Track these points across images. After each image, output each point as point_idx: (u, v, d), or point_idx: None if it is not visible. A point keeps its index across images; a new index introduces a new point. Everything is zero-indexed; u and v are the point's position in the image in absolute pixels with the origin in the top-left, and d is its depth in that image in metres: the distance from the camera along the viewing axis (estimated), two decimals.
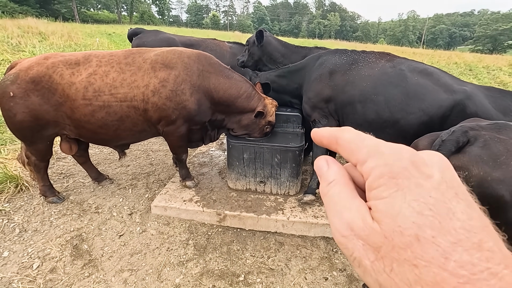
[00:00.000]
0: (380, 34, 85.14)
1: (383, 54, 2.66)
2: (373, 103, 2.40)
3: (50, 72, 2.34)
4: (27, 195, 2.93)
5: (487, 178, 1.14)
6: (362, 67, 2.56)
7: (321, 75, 2.69)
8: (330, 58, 2.75)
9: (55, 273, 2.06)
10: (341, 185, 0.31)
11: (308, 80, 2.81)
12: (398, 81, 2.37)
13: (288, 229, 2.57)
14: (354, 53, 2.73)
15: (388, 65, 2.50)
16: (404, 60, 2.56)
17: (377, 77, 2.46)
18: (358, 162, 0.29)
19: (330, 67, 2.67)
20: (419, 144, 1.42)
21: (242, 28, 64.55)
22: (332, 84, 2.62)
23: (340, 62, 2.66)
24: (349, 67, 2.60)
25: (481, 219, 0.24)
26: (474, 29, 67.52)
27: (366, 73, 2.51)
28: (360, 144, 0.29)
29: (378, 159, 0.27)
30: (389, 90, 2.37)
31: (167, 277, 2.09)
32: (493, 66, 14.41)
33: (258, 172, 2.86)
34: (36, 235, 2.41)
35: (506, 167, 1.13)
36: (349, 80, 2.55)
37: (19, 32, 10.63)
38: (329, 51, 2.97)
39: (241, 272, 2.16)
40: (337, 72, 2.63)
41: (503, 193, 1.12)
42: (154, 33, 4.45)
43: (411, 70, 2.42)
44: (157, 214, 2.74)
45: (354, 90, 2.50)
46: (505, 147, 1.17)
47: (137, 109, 2.46)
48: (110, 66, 2.43)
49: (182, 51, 2.63)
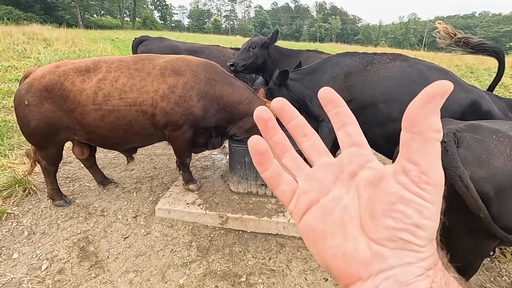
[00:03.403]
0: (381, 37, 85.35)
1: (396, 55, 2.67)
2: (397, 102, 2.41)
3: (62, 80, 2.44)
4: (35, 198, 3.02)
5: (474, 178, 1.20)
6: (378, 68, 2.56)
7: (334, 76, 2.66)
8: (342, 60, 2.74)
9: (63, 274, 2.13)
10: None
11: (319, 83, 2.78)
12: (420, 80, 2.39)
13: (289, 231, 2.62)
14: (366, 55, 2.73)
15: (404, 65, 2.51)
16: (418, 60, 2.59)
17: (398, 76, 2.46)
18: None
19: (344, 68, 2.65)
20: None
21: (243, 32, 65.03)
22: (348, 85, 2.59)
23: (354, 63, 2.66)
24: (364, 68, 2.60)
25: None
26: (475, 31, 67.51)
27: (385, 74, 2.51)
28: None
29: None
30: (413, 89, 2.37)
31: (171, 278, 2.15)
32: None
33: (260, 176, 2.91)
34: (44, 237, 2.49)
35: (487, 165, 1.21)
36: (367, 81, 2.54)
37: (24, 39, 10.84)
38: (339, 54, 2.92)
39: (243, 273, 2.22)
40: (352, 73, 2.61)
41: (488, 190, 1.19)
42: (158, 40, 4.56)
43: (428, 69, 2.46)
44: (161, 216, 2.80)
45: (374, 91, 2.49)
46: (483, 146, 1.25)
47: (146, 114, 2.55)
48: (120, 72, 2.52)
49: (191, 59, 2.72)
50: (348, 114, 0.34)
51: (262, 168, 0.34)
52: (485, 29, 52.57)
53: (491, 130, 1.33)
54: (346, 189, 0.31)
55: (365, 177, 0.30)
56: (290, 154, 0.36)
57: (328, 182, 0.33)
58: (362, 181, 0.30)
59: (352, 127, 0.33)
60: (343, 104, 0.34)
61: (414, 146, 0.26)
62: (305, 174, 0.35)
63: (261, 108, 0.35)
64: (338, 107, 0.34)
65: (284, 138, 0.36)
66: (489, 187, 1.19)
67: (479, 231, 1.28)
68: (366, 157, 0.32)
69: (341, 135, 0.34)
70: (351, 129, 0.33)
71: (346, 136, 0.33)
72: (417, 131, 0.25)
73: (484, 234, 1.28)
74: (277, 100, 0.36)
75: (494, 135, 1.30)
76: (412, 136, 0.26)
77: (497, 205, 1.20)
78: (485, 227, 1.21)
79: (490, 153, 1.24)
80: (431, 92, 0.25)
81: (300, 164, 0.36)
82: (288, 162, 0.36)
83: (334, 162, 0.34)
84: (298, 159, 0.36)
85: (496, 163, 1.22)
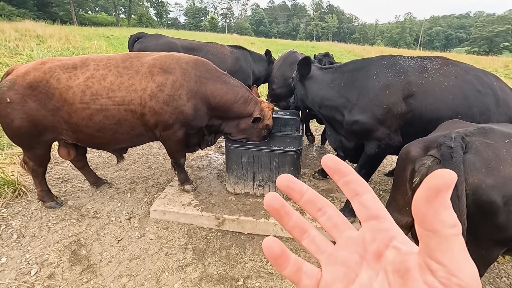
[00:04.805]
0: (377, 36, 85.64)
1: (444, 59, 2.36)
2: (466, 117, 2.08)
3: (47, 77, 2.34)
4: (25, 200, 2.92)
5: (481, 186, 1.15)
6: (436, 76, 2.21)
7: (389, 85, 2.22)
8: (393, 63, 2.33)
9: (53, 279, 2.05)
10: None
11: (366, 90, 2.31)
12: (485, 89, 2.16)
13: (286, 233, 2.57)
14: (414, 59, 2.37)
15: (460, 71, 2.23)
16: (465, 64, 2.32)
17: (461, 86, 2.15)
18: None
19: (400, 76, 2.24)
20: (411, 150, 1.43)
21: (240, 30, 64.75)
22: (407, 96, 2.20)
23: (409, 69, 2.26)
24: (421, 76, 2.21)
25: None
26: (470, 31, 68.14)
27: (445, 83, 2.17)
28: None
29: None
30: (482, 100, 2.12)
31: (166, 282, 2.08)
32: (489, 68, 14.55)
33: (257, 176, 2.87)
34: (34, 240, 2.40)
35: (497, 172, 1.15)
36: (428, 92, 2.17)
37: (16, 35, 10.62)
38: (381, 56, 2.47)
39: (240, 276, 2.16)
40: (412, 83, 2.20)
41: (496, 199, 1.13)
42: (155, 37, 4.47)
43: (484, 74, 2.26)
44: (156, 218, 2.74)
45: (439, 104, 2.14)
46: (494, 151, 1.19)
47: (135, 113, 2.47)
48: (108, 70, 2.43)
49: (180, 56, 2.64)
50: (359, 182, 0.32)
51: (280, 268, 0.33)
52: (479, 28, 52.90)
53: (503, 134, 1.26)
54: (374, 272, 0.29)
55: (392, 260, 0.28)
56: (309, 235, 0.35)
57: (354, 265, 0.31)
58: (389, 265, 0.28)
59: (366, 196, 0.32)
60: (352, 172, 0.33)
61: (433, 244, 0.24)
62: (327, 256, 0.33)
63: (270, 196, 0.34)
64: (347, 176, 0.33)
65: (300, 220, 0.35)
66: (497, 195, 1.14)
67: (485, 240, 1.24)
68: (389, 233, 0.29)
69: (356, 206, 0.32)
70: (365, 199, 0.31)
71: (362, 207, 0.31)
72: (431, 229, 0.24)
73: (490, 243, 1.23)
74: (282, 178, 0.35)
75: (506, 140, 1.23)
76: (427, 233, 0.24)
77: (505, 215, 1.14)
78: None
79: (500, 160, 1.17)
80: (434, 188, 0.23)
81: (321, 244, 0.34)
82: (308, 244, 0.34)
83: (356, 238, 0.32)
84: (318, 238, 0.35)
85: (506, 171, 1.15)
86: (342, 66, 2.64)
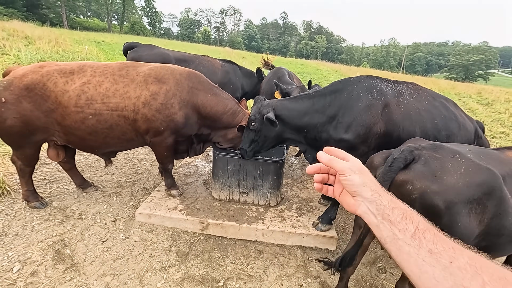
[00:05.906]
0: (363, 57, 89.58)
1: (414, 84, 2.59)
2: (437, 140, 2.29)
3: (44, 80, 2.44)
4: (9, 199, 2.92)
5: (427, 191, 1.36)
6: (410, 100, 2.41)
7: (371, 106, 2.33)
8: (373, 85, 2.44)
9: (36, 276, 2.08)
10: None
11: (350, 109, 2.38)
12: (449, 114, 2.42)
13: (267, 238, 2.71)
14: (391, 82, 2.55)
15: (429, 97, 2.48)
16: (429, 90, 2.58)
17: (432, 111, 2.37)
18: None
19: (380, 97, 2.37)
20: (374, 159, 1.66)
21: (232, 44, 66.00)
22: (386, 118, 2.33)
23: (388, 91, 2.42)
24: (398, 99, 2.39)
25: (378, 184, 0.68)
26: (448, 58, 72.69)
27: (419, 107, 2.38)
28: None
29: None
30: (447, 125, 2.37)
31: (149, 281, 2.15)
32: (464, 94, 15.56)
33: (242, 183, 3.01)
34: (17, 239, 2.41)
35: (440, 180, 1.36)
36: (405, 115, 2.34)
37: (3, 35, 10.46)
38: (360, 77, 2.58)
39: (221, 278, 2.26)
40: (390, 105, 2.35)
41: (438, 203, 1.34)
42: (149, 48, 4.63)
43: (446, 100, 2.56)
44: (141, 221, 2.80)
45: (412, 127, 2.33)
46: (440, 164, 1.41)
47: (127, 119, 2.59)
48: (104, 77, 2.56)
49: (175, 68, 2.81)
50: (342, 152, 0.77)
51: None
52: (456, 57, 56.69)
53: (451, 150, 1.49)
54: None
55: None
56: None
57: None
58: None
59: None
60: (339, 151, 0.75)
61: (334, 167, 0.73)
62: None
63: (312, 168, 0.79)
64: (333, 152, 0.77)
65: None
66: (439, 200, 1.34)
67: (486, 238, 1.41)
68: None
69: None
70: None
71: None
72: (332, 166, 0.73)
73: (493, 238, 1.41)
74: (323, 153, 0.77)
75: (452, 155, 1.45)
76: (331, 165, 0.73)
77: (447, 217, 1.35)
78: None
79: (445, 170, 1.39)
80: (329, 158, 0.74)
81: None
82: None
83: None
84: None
85: (449, 180, 1.36)
86: (322, 90, 2.62)
